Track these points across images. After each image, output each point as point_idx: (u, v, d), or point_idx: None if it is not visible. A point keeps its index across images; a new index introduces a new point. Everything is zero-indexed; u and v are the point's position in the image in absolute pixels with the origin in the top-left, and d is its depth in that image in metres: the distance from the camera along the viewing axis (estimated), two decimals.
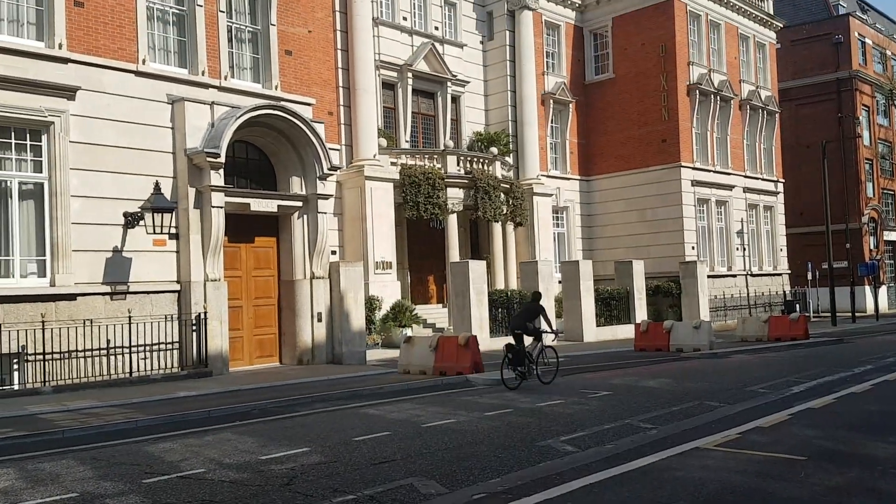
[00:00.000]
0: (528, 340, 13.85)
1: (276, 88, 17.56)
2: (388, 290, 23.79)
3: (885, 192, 47.09)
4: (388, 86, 26.87)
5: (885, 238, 45.62)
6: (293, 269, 17.68)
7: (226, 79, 16.61)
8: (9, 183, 13.67)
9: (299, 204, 17.56)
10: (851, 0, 49.93)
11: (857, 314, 35.94)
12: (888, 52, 47.75)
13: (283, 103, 17.11)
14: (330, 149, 23.48)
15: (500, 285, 27.15)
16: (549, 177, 31.45)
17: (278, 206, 17.16)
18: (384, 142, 25.08)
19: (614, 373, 14.97)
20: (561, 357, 19.23)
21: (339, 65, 24.28)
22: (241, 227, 17.01)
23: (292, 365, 17.51)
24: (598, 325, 26.21)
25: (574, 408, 10.29)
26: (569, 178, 32.76)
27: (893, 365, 14.91)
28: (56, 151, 13.94)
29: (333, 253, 23.66)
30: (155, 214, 14.37)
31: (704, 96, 31.93)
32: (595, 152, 33.27)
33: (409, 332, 23.05)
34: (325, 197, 17.76)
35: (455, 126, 29.34)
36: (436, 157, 25.74)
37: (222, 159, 15.41)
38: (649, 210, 31.53)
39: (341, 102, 24.28)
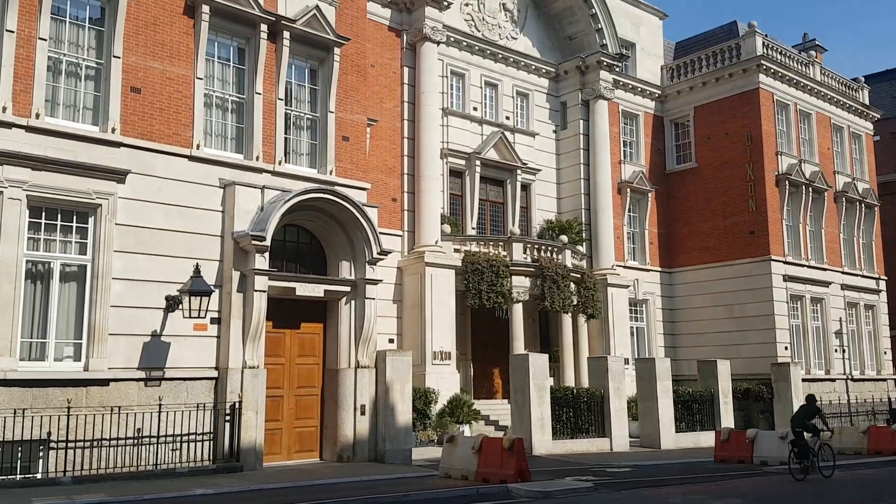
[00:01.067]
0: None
1: (330, 173, 17.37)
2: (447, 382, 22.71)
3: None
4: (455, 173, 26.62)
5: None
6: (338, 358, 16.95)
7: (280, 164, 16.54)
8: (51, 265, 13.71)
9: (347, 289, 16.98)
10: None
11: None
12: None
13: (336, 188, 16.86)
14: (392, 235, 23.39)
15: (570, 381, 25.55)
16: (626, 267, 30.04)
17: (325, 290, 16.63)
18: (448, 228, 24.58)
19: (680, 489, 13.17)
20: (630, 466, 17.58)
21: (405, 152, 24.29)
22: (287, 312, 16.53)
23: (331, 462, 16.51)
24: (677, 431, 23.92)
25: None
26: (648, 270, 31.18)
27: None
28: (101, 234, 13.96)
29: (391, 341, 22.97)
30: (192, 298, 14.06)
31: (795, 187, 30.08)
32: (677, 243, 31.68)
33: (466, 429, 21.79)
34: (374, 282, 17.12)
35: (525, 214, 28.65)
36: (501, 244, 24.97)
37: (267, 243, 15.11)
38: (737, 306, 29.38)
39: (405, 189, 24.12)
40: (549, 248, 25.82)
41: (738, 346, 28.90)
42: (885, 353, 33.33)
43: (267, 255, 15.31)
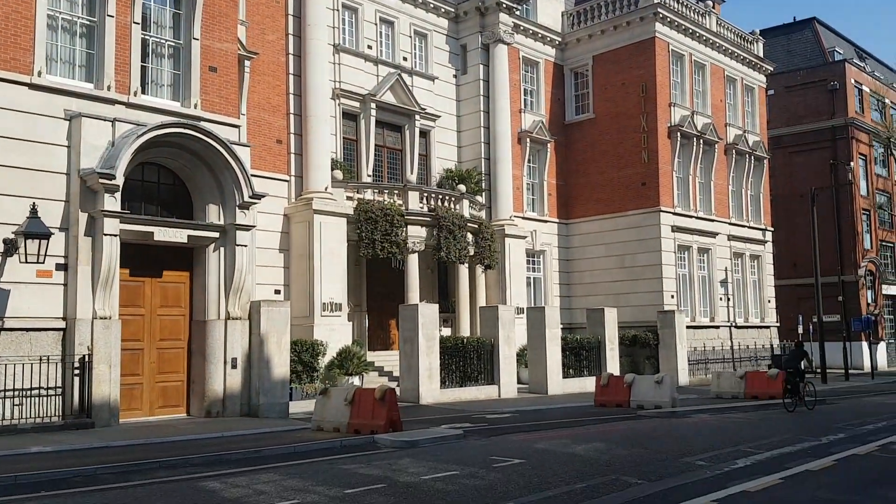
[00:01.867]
0: None
1: (195, 107, 16.02)
2: (337, 333, 21.98)
3: (884, 244, 45.24)
4: (349, 116, 25.48)
5: (883, 292, 43.60)
6: (206, 308, 15.91)
7: (136, 94, 15.10)
8: None
9: (215, 235, 15.88)
10: (848, 47, 48.86)
11: (852, 371, 33.87)
12: (887, 101, 46.41)
13: (200, 123, 15.58)
14: (278, 179, 22.20)
15: (466, 331, 25.31)
16: (524, 218, 29.87)
17: (189, 236, 15.46)
18: (340, 174, 23.55)
19: (549, 434, 13.04)
20: (511, 412, 17.50)
21: (291, 90, 22.94)
22: (148, 259, 15.33)
23: (199, 417, 15.60)
24: (566, 377, 24.27)
25: (464, 482, 8.42)
26: (546, 221, 31.14)
27: (870, 434, 12.91)
28: None
29: (277, 292, 22.00)
30: (29, 241, 12.70)
31: (686, 139, 30.44)
32: (574, 194, 31.72)
33: (356, 380, 21.26)
34: (246, 228, 16.06)
35: (424, 161, 27.88)
36: (396, 192, 24.14)
37: (118, 181, 13.81)
38: (628, 256, 29.80)
39: (292, 130, 22.86)
40: (447, 198, 25.22)
41: (628, 295, 29.39)
42: (769, 301, 34.68)
43: (118, 195, 14.01)
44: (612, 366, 25.21)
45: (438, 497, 7.60)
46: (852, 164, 37.47)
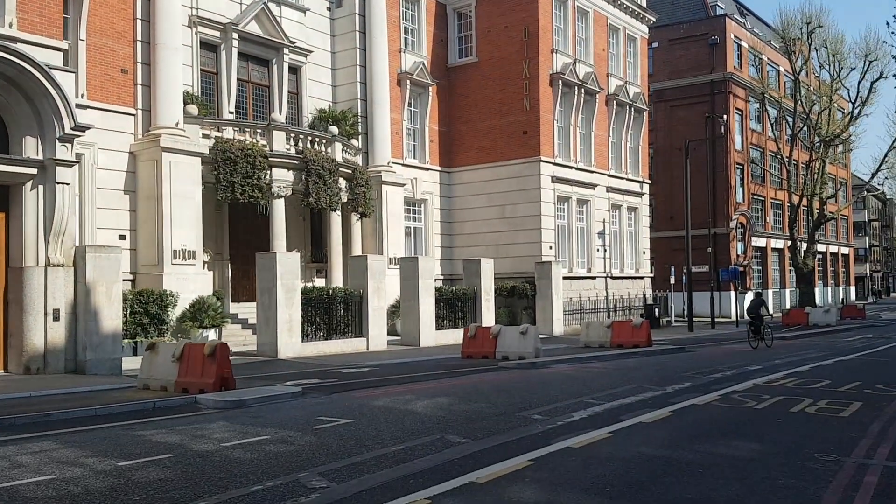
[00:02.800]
0: None
1: (10, 26, 13.93)
2: (192, 283, 20.40)
3: (756, 197, 47.17)
4: (208, 47, 23.44)
5: (753, 244, 45.60)
6: (24, 254, 14.14)
7: None
8: None
9: (33, 171, 14.03)
10: (730, 2, 49.90)
11: (719, 320, 35.24)
12: (764, 57, 47.86)
13: (17, 45, 13.55)
14: (122, 112, 20.08)
15: (339, 282, 24.22)
16: (404, 165, 28.81)
17: (2, 172, 13.60)
18: (195, 109, 21.60)
19: (396, 389, 12.31)
20: (372, 365, 16.73)
21: (139, 15, 20.70)
22: None
23: (17, 374, 13.97)
24: (440, 329, 23.77)
25: (267, 449, 7.49)
26: (428, 169, 30.20)
27: (717, 383, 12.91)
28: None
29: (122, 238, 20.15)
30: None
31: (568, 87, 30.05)
32: (457, 142, 30.86)
33: (211, 333, 19.94)
34: (68, 163, 14.28)
35: (294, 100, 26.21)
36: (259, 131, 22.45)
37: None
38: (509, 206, 29.40)
39: (139, 59, 20.70)
40: (317, 140, 23.75)
41: (508, 246, 29.10)
42: (644, 252, 35.38)
43: None
44: (488, 317, 24.89)
45: (225, 469, 6.64)
46: (725, 117, 38.33)
